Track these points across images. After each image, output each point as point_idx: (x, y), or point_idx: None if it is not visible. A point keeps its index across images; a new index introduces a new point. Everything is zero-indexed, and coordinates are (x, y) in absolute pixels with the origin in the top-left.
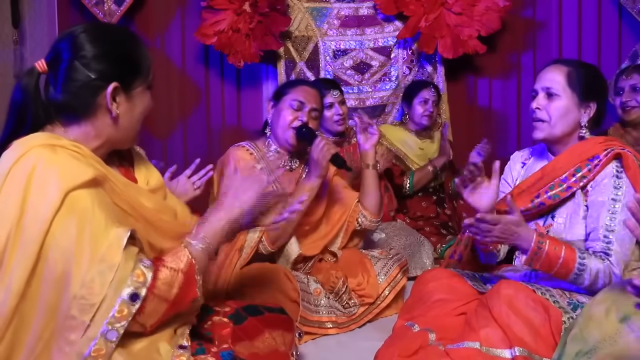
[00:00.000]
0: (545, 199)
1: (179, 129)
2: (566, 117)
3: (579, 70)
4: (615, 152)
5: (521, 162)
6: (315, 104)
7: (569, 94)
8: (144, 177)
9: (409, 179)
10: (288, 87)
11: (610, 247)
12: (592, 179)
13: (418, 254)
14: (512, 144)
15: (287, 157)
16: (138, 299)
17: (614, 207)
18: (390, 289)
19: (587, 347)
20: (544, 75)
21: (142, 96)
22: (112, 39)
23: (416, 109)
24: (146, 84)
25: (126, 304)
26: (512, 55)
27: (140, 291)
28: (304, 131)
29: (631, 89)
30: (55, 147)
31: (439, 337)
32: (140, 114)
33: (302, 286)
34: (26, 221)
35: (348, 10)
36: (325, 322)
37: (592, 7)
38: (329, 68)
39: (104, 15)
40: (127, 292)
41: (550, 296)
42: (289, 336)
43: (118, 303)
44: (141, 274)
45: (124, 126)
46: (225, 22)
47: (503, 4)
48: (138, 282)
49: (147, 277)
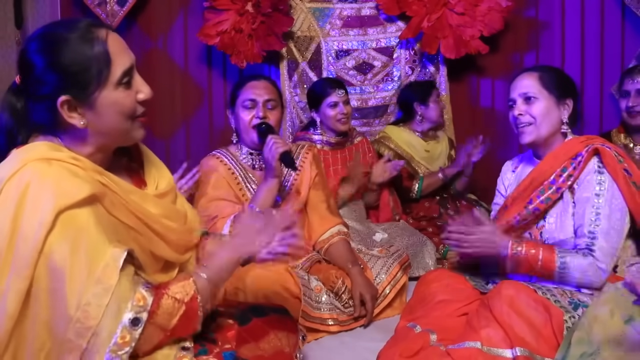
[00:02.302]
0: (539, 203)
1: (182, 129)
2: (549, 115)
3: (548, 73)
4: (595, 148)
5: (511, 170)
6: (268, 95)
7: (546, 94)
8: (154, 180)
9: (418, 183)
10: (237, 89)
11: (594, 242)
12: (577, 176)
13: (421, 254)
14: (514, 145)
15: (261, 157)
16: (140, 324)
17: (597, 202)
18: (391, 287)
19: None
20: (517, 84)
21: (109, 98)
22: (56, 47)
23: (433, 109)
24: (109, 85)
25: (128, 329)
26: (515, 55)
27: (141, 315)
28: (263, 127)
29: (637, 93)
30: (51, 162)
31: (441, 337)
32: (117, 114)
33: (303, 282)
34: (19, 241)
35: (350, 10)
36: (327, 319)
37: (595, 7)
38: (331, 68)
39: (107, 15)
40: (128, 317)
41: (552, 295)
42: (294, 338)
43: (120, 329)
44: (142, 298)
45: (104, 132)
46: (228, 23)
47: (505, 4)
48: (139, 307)
49: (148, 301)
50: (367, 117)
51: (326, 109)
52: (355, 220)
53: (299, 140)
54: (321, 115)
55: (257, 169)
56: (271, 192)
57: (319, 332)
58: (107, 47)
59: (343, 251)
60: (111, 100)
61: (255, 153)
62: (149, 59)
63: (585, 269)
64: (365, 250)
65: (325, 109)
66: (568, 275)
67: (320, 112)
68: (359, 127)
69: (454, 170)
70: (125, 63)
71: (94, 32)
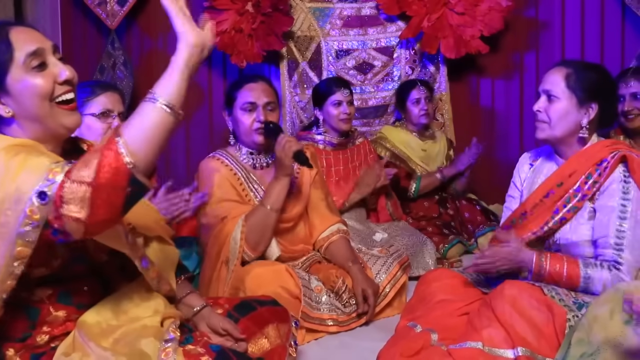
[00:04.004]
0: (566, 213)
1: (182, 130)
2: (565, 119)
3: (580, 72)
4: (621, 155)
5: (529, 163)
6: (267, 97)
7: (568, 96)
8: None
9: (415, 183)
10: (233, 90)
11: (621, 255)
12: (602, 183)
13: (420, 253)
14: (514, 145)
15: (262, 155)
16: (46, 197)
17: (623, 213)
18: (391, 286)
19: (592, 348)
20: (546, 78)
21: (20, 82)
22: None
23: (412, 111)
24: (15, 69)
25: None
26: (515, 55)
27: (50, 189)
28: (271, 127)
29: (632, 97)
30: (10, 147)
31: (442, 337)
32: (32, 97)
33: (303, 282)
34: None
35: (350, 10)
36: (326, 319)
37: (596, 7)
38: (331, 68)
39: (107, 15)
40: (36, 190)
41: (556, 294)
42: (285, 327)
43: (28, 205)
44: (57, 171)
45: (30, 118)
46: (228, 22)
47: (506, 4)
48: (47, 180)
49: (64, 170)
50: (367, 117)
51: (330, 107)
52: (355, 220)
53: (300, 139)
54: (324, 114)
55: (257, 168)
56: (284, 191)
57: (318, 332)
58: (8, 37)
59: (343, 249)
60: (22, 84)
61: (256, 153)
62: (149, 59)
63: (608, 282)
64: (365, 250)
65: (329, 107)
66: (590, 288)
67: (324, 110)
68: (359, 127)
69: (452, 171)
70: (30, 47)
71: (2, 29)
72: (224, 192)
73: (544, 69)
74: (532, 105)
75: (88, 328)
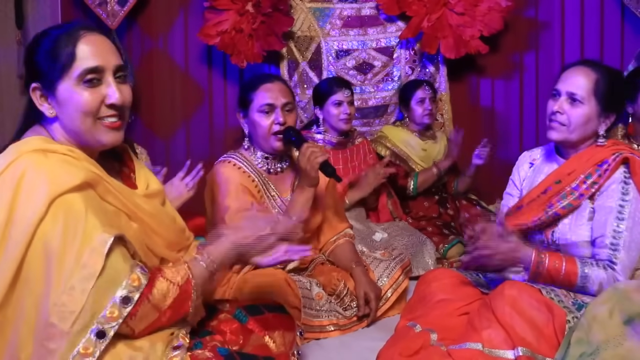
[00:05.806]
0: (560, 209)
1: (182, 130)
2: (586, 125)
3: (607, 79)
4: (624, 157)
5: (529, 162)
6: (285, 98)
7: (593, 103)
8: (144, 182)
9: (413, 180)
10: (249, 91)
11: (616, 255)
12: (602, 184)
13: (420, 253)
14: (514, 145)
15: (276, 160)
16: (130, 302)
17: (621, 214)
18: (393, 290)
19: (591, 348)
20: (570, 78)
21: (69, 92)
22: (37, 40)
23: (415, 110)
24: (69, 79)
25: (118, 306)
26: (515, 55)
27: (133, 295)
28: (292, 136)
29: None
30: (46, 153)
31: (441, 337)
32: (76, 110)
33: (304, 292)
34: (13, 227)
35: (350, 10)
36: (327, 325)
37: (595, 7)
38: (331, 68)
39: (107, 15)
40: (120, 295)
41: (555, 296)
42: (290, 335)
43: (110, 305)
44: (137, 279)
45: (69, 127)
46: (228, 23)
47: (505, 4)
48: (132, 287)
49: (142, 282)
50: (367, 117)
51: (330, 106)
52: (355, 220)
53: None
54: (324, 113)
55: (272, 173)
56: (309, 202)
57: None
58: (77, 45)
59: (347, 252)
60: (69, 94)
61: (271, 158)
62: (149, 59)
63: (604, 281)
64: (368, 253)
65: (330, 106)
66: (587, 288)
67: (324, 110)
68: (359, 127)
69: (447, 164)
70: (91, 63)
71: (75, 32)
72: (242, 203)
73: (543, 69)
74: (532, 105)
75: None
